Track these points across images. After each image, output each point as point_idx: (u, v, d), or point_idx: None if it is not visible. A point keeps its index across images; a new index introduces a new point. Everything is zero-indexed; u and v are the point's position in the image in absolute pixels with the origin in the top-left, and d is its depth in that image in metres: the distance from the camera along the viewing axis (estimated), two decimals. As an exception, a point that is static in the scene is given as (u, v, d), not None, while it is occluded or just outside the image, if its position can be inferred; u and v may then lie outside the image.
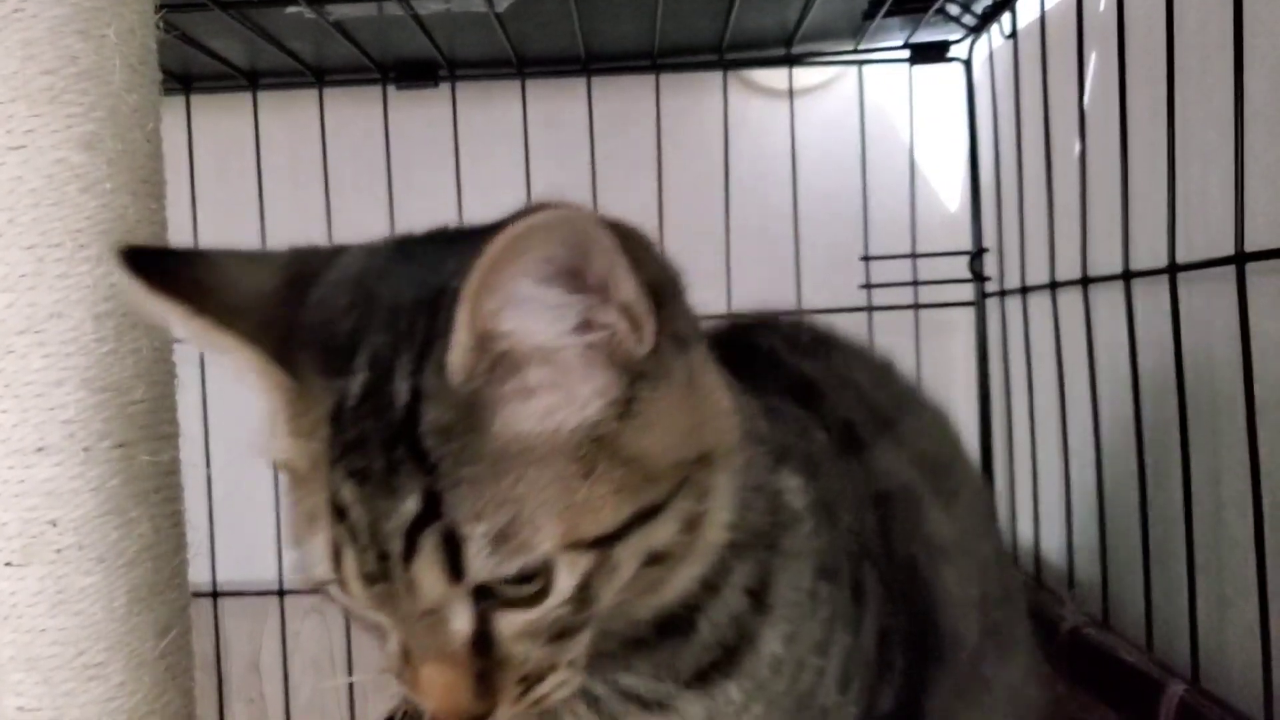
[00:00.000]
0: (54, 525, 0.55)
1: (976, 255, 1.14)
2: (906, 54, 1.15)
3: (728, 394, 0.45)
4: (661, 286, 0.41)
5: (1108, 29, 0.82)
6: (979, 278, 1.14)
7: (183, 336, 0.44)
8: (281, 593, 1.18)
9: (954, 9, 1.06)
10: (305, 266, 0.43)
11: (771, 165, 1.20)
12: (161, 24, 0.58)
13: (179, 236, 1.12)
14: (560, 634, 0.40)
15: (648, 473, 0.40)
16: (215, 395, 1.15)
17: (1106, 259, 0.84)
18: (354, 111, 1.19)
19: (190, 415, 1.12)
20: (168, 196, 0.60)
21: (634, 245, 0.40)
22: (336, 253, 0.44)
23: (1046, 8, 0.94)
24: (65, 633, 0.55)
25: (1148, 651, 0.77)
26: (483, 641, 0.39)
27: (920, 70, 1.16)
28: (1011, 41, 1.03)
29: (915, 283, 1.15)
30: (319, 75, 1.16)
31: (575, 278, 0.38)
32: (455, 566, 0.37)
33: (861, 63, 1.16)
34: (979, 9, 1.07)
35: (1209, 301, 0.72)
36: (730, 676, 0.46)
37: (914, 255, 1.15)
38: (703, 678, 0.46)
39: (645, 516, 0.40)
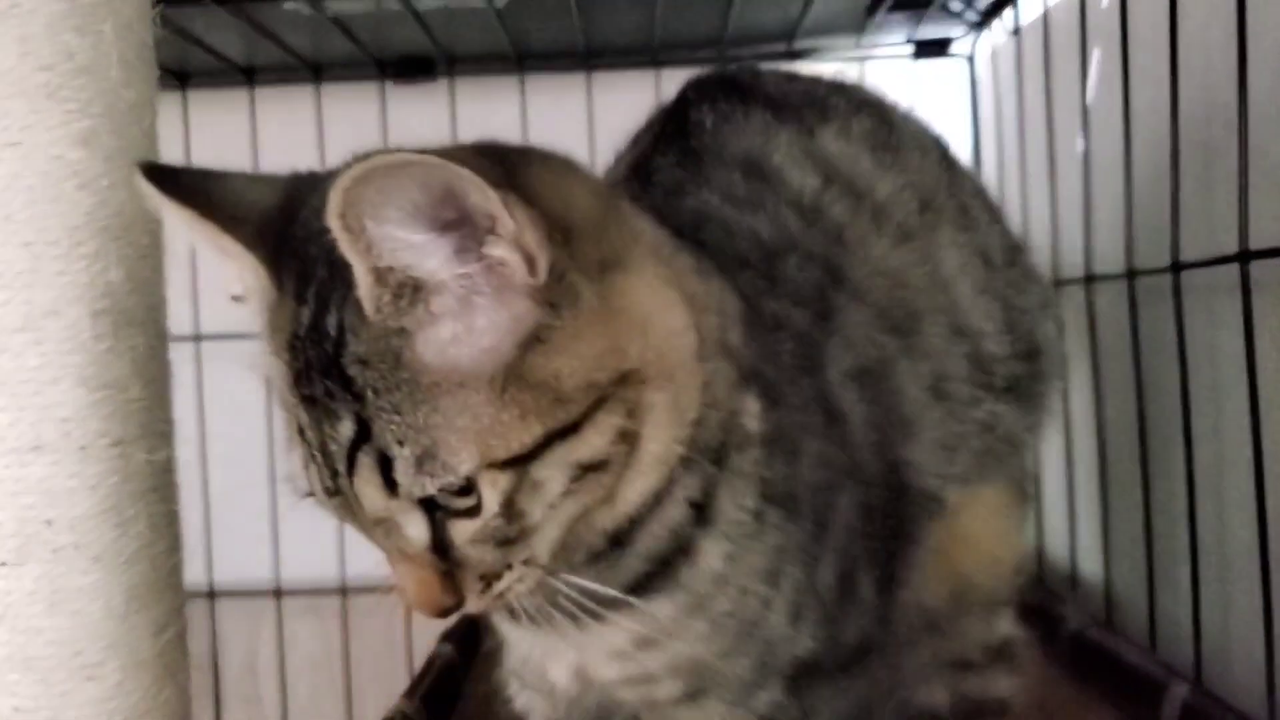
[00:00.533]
0: (50, 524, 0.54)
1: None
2: (910, 50, 1.15)
3: (680, 311, 0.47)
4: (575, 216, 0.44)
5: (1111, 25, 0.81)
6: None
7: (195, 241, 0.49)
8: (278, 593, 1.17)
9: (957, 5, 1.06)
10: (301, 189, 0.49)
11: (771, 162, 1.19)
12: (158, 19, 0.57)
13: (174, 233, 1.12)
14: (505, 540, 0.44)
15: (558, 395, 0.42)
16: (212, 396, 1.15)
17: (1110, 256, 0.83)
18: (351, 107, 1.18)
19: (187, 416, 1.12)
20: (165, 193, 0.59)
21: (535, 178, 0.43)
22: (328, 176, 0.45)
23: (1050, 4, 0.94)
24: (62, 632, 0.54)
25: (1151, 652, 0.77)
26: (441, 546, 0.43)
27: (923, 66, 1.15)
28: (1015, 38, 1.03)
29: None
30: (316, 71, 1.15)
31: (446, 215, 0.40)
32: (389, 483, 0.41)
33: (864, 59, 1.16)
34: (982, 5, 1.06)
35: (1213, 299, 0.72)
36: (664, 590, 0.48)
37: (915, 253, 1.15)
38: (640, 588, 0.48)
39: (559, 435, 0.42)
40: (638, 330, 0.45)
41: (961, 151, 1.16)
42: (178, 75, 1.15)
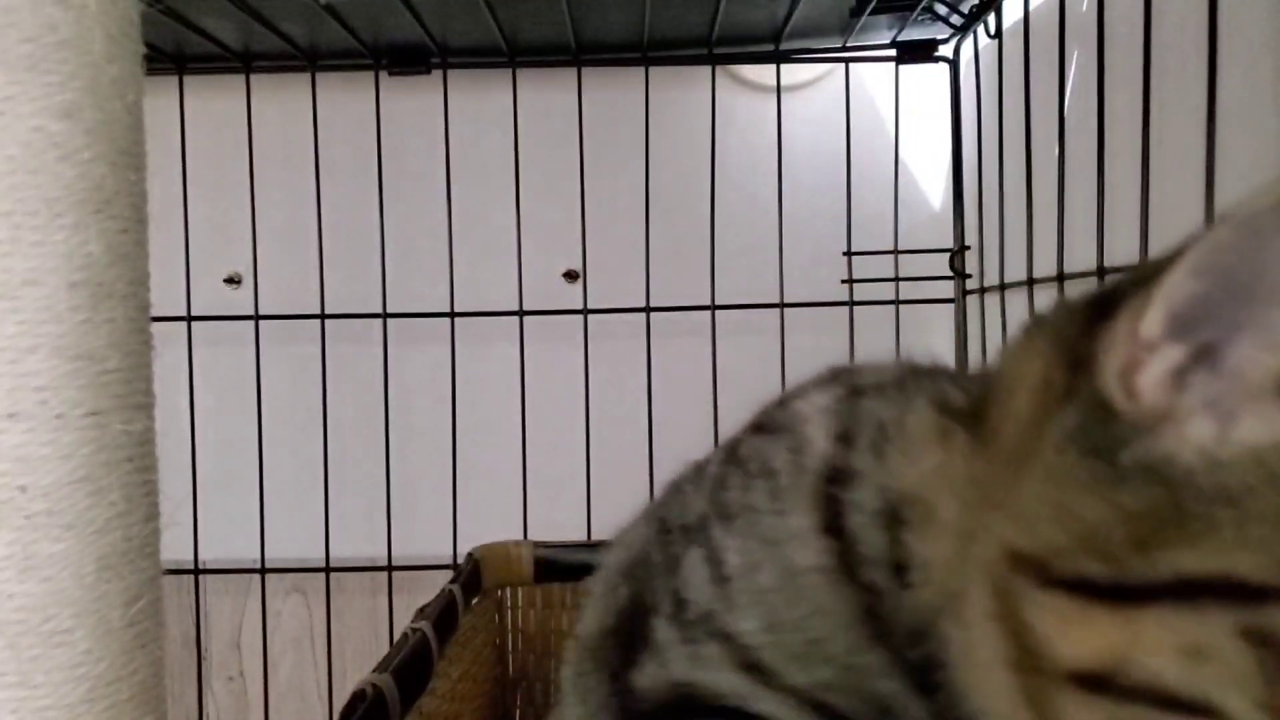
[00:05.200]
0: (23, 491, 0.55)
1: (958, 253, 1.14)
2: (894, 52, 1.16)
3: None
4: None
5: (1090, 29, 0.82)
6: (960, 275, 1.15)
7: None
8: (263, 571, 1.18)
9: (941, 8, 1.07)
10: None
11: (758, 160, 1.20)
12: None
13: (169, 216, 1.14)
14: None
15: None
16: (200, 373, 1.16)
17: (1083, 256, 0.84)
18: (347, 96, 1.19)
19: (175, 393, 1.14)
20: (159, 176, 0.60)
21: None
22: None
23: (1030, 7, 0.95)
24: (32, 599, 0.55)
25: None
26: None
27: (906, 69, 1.16)
28: (996, 41, 1.04)
29: (897, 279, 1.16)
30: (312, 59, 1.17)
31: None
32: None
33: (849, 60, 1.17)
34: (966, 8, 1.07)
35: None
36: None
37: (896, 251, 1.16)
38: None
39: None
40: None
41: (942, 153, 1.18)
42: (174, 59, 1.16)
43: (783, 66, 1.17)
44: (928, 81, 1.18)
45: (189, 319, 1.16)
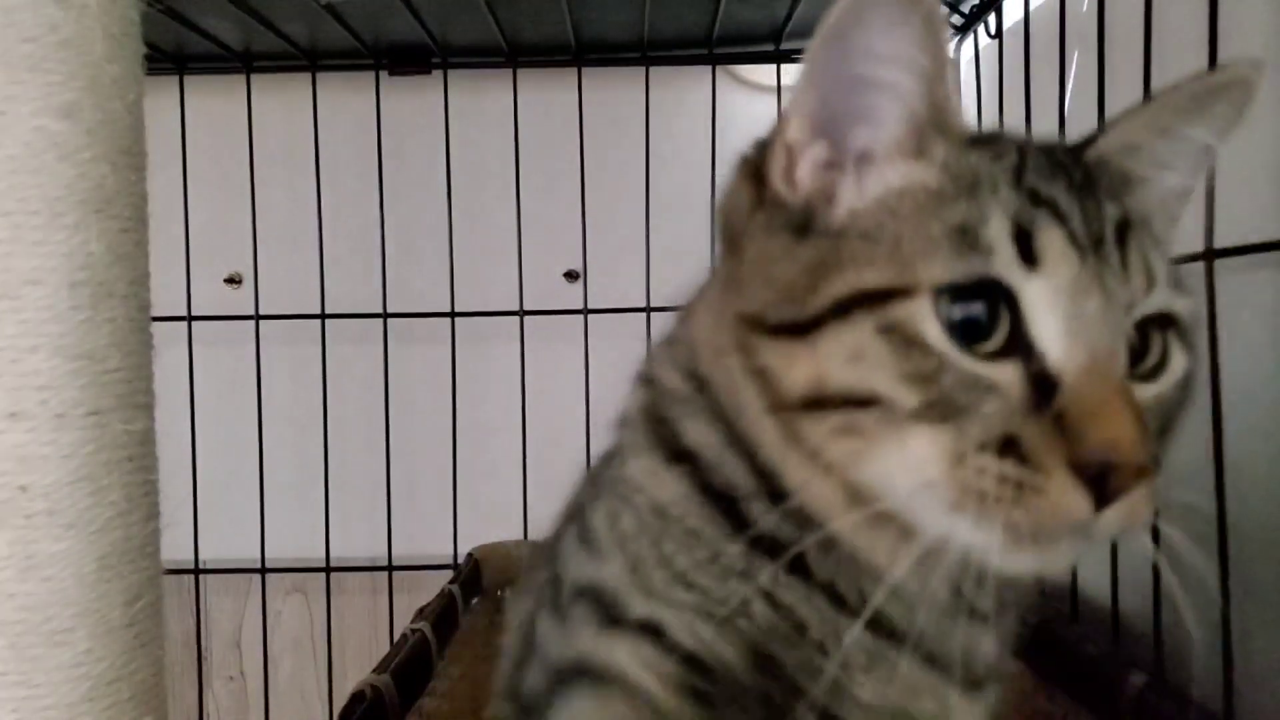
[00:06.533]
0: (24, 490, 0.55)
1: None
2: (895, 52, 1.16)
3: None
4: None
5: (1090, 29, 0.82)
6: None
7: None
8: (263, 571, 1.18)
9: (941, 8, 1.07)
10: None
11: (759, 159, 1.20)
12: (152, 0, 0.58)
13: (169, 216, 1.13)
14: (1163, 427, 0.39)
15: None
16: (200, 373, 1.16)
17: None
18: (347, 96, 1.19)
19: (176, 394, 1.14)
20: (160, 175, 0.60)
21: None
22: None
23: (1031, 8, 0.95)
24: (33, 598, 0.55)
25: (1114, 645, 0.78)
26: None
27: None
28: (997, 41, 1.04)
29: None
30: (313, 59, 1.17)
31: None
32: (1149, 272, 0.38)
33: (851, 59, 1.17)
34: (966, 8, 1.07)
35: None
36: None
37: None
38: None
39: None
40: None
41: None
42: (175, 59, 1.16)
43: (783, 66, 1.17)
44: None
45: (189, 319, 1.16)
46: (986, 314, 0.36)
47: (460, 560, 1.05)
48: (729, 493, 0.43)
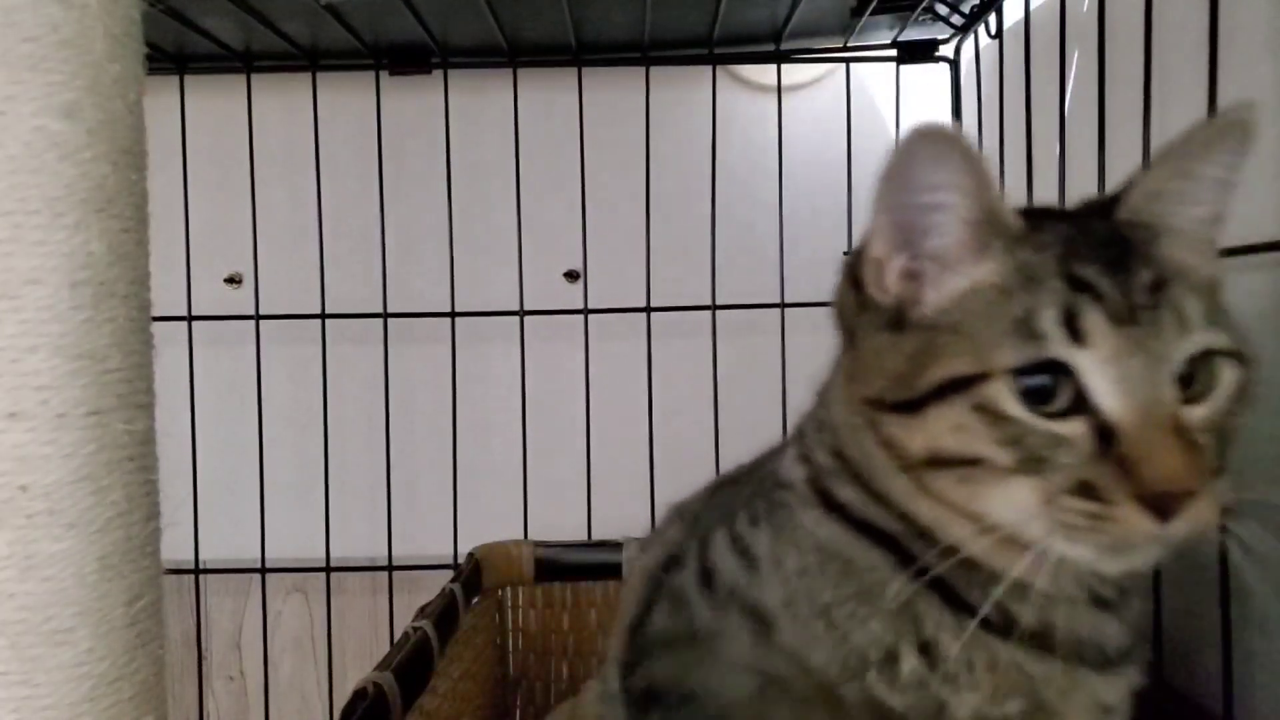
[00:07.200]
0: (25, 490, 0.55)
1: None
2: (894, 52, 1.16)
3: None
4: None
5: (1090, 29, 0.82)
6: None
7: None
8: (264, 571, 1.18)
9: (942, 8, 1.07)
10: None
11: (759, 160, 1.20)
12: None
13: (170, 216, 1.14)
14: (1224, 434, 0.46)
15: None
16: (200, 373, 1.16)
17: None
18: (347, 96, 1.19)
19: (176, 394, 1.14)
20: (160, 175, 0.60)
21: None
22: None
23: (1031, 8, 0.95)
24: (34, 598, 0.55)
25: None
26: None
27: (907, 69, 1.16)
28: (997, 41, 1.04)
29: (899, 279, 1.15)
30: (313, 59, 1.17)
31: None
32: (1183, 321, 0.45)
33: (850, 60, 1.17)
34: (966, 8, 1.08)
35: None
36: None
37: (898, 252, 1.16)
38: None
39: None
40: None
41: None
42: (175, 59, 1.16)
43: (783, 66, 1.17)
44: (928, 82, 1.18)
45: (190, 319, 1.16)
46: (1052, 383, 0.44)
47: (460, 560, 1.05)
48: (876, 528, 0.51)
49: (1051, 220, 0.50)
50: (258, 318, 1.18)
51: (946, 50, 1.15)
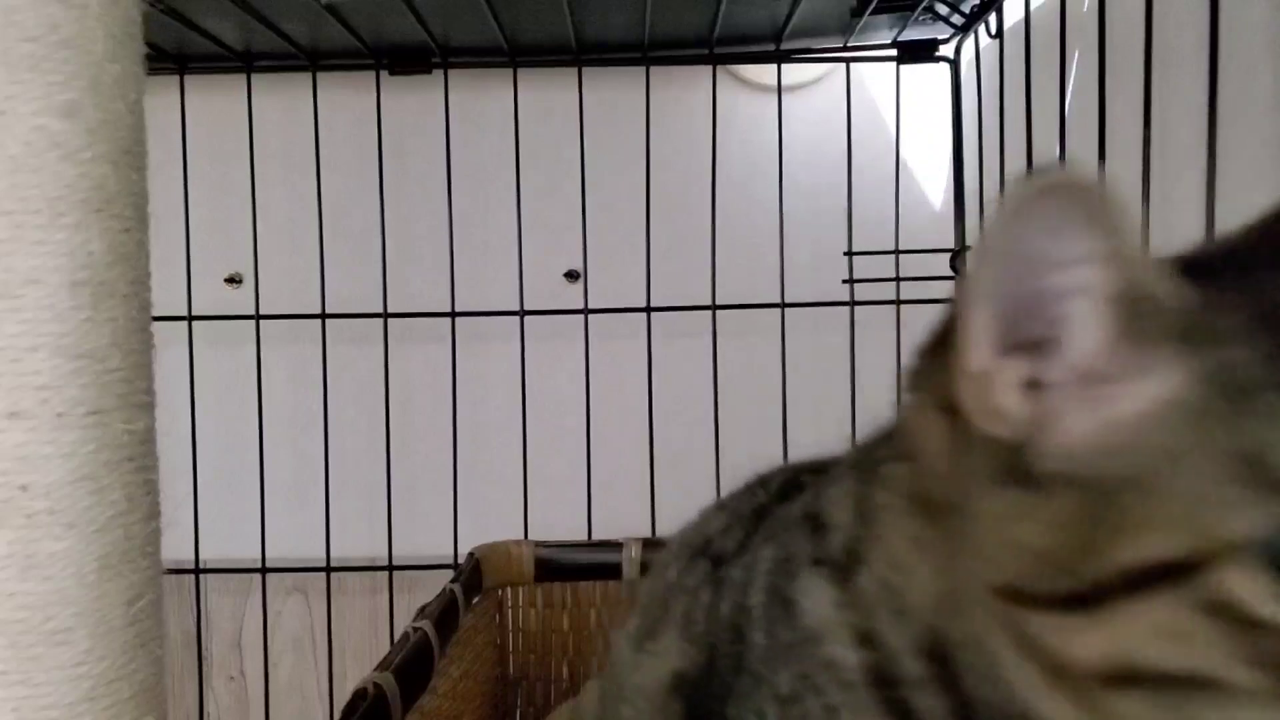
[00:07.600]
0: (25, 490, 0.55)
1: (959, 253, 1.14)
2: (894, 52, 1.16)
3: None
4: None
5: (1091, 29, 0.82)
6: (961, 275, 1.15)
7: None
8: (264, 570, 1.18)
9: (942, 8, 1.07)
10: None
11: (759, 160, 1.20)
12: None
13: (170, 216, 1.14)
14: None
15: None
16: (200, 373, 1.16)
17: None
18: (348, 96, 1.19)
19: (175, 393, 1.14)
20: (160, 175, 0.60)
21: None
22: None
23: (1031, 7, 0.95)
24: (33, 597, 0.55)
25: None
26: None
27: (907, 69, 1.16)
28: (997, 41, 1.04)
29: (898, 279, 1.16)
30: (313, 58, 1.17)
31: None
32: None
33: (850, 60, 1.17)
34: (967, 8, 1.08)
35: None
36: None
37: (897, 252, 1.16)
38: None
39: None
40: None
41: (943, 153, 1.18)
42: (175, 59, 1.16)
43: (783, 66, 1.17)
44: (929, 81, 1.18)
45: (190, 319, 1.16)
46: None
47: (461, 560, 1.05)
48: None
49: (1217, 280, 0.33)
50: (258, 318, 1.18)
51: (947, 50, 1.15)
